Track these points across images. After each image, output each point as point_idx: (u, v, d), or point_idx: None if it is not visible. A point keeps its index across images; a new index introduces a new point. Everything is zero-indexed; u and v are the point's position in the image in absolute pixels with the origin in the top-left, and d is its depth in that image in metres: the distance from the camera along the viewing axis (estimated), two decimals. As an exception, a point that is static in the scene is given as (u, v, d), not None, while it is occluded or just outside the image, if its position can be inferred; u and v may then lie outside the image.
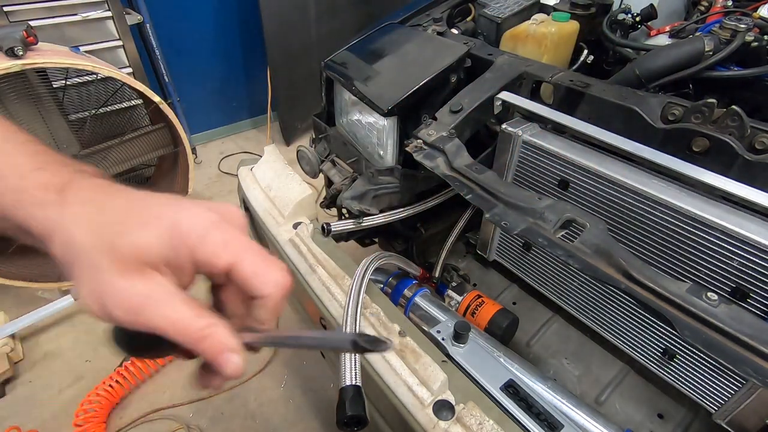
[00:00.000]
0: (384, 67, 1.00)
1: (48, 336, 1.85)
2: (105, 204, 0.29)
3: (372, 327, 0.73)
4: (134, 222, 0.28)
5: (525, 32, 1.04)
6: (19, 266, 1.82)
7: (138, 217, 0.29)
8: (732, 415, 0.72)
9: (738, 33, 0.81)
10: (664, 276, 0.59)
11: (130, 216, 0.29)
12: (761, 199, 0.61)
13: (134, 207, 0.29)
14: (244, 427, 1.53)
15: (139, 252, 0.28)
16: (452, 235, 1.15)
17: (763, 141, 0.65)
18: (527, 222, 0.69)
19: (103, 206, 0.29)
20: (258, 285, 0.30)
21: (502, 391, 0.69)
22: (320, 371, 1.71)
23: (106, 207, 0.29)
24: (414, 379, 0.64)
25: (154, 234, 0.29)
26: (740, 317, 0.53)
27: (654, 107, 0.75)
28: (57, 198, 0.28)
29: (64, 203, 0.28)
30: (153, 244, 0.28)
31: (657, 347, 0.81)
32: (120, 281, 0.27)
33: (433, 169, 0.84)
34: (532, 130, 0.87)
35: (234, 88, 3.11)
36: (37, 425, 1.52)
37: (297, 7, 2.68)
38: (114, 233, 0.28)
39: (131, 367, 1.59)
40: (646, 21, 1.07)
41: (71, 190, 0.29)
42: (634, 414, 0.89)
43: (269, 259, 0.31)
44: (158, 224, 0.29)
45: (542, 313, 1.07)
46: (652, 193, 0.70)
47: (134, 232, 0.28)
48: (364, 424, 0.61)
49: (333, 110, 1.19)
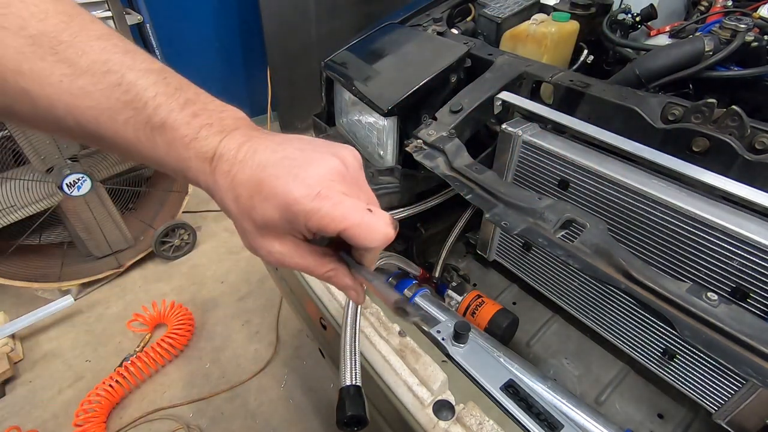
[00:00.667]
0: (384, 67, 1.00)
1: (48, 336, 1.85)
2: (237, 178, 0.34)
3: (372, 327, 0.73)
4: (260, 198, 0.34)
5: (525, 32, 1.04)
6: (19, 266, 1.83)
7: (261, 193, 0.34)
8: (732, 415, 0.72)
9: (738, 33, 0.81)
10: (664, 276, 0.59)
11: (257, 191, 0.34)
12: (761, 199, 0.61)
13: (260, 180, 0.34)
14: (244, 427, 1.53)
15: (266, 222, 0.34)
16: (452, 235, 1.15)
17: (763, 141, 0.65)
18: (527, 222, 0.69)
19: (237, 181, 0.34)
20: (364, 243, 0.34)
21: (502, 391, 0.69)
22: (320, 371, 1.71)
23: (239, 182, 0.34)
24: (414, 379, 0.64)
25: (272, 209, 0.34)
26: (740, 317, 0.53)
27: (654, 107, 0.75)
28: (209, 168, 0.35)
29: (215, 173, 0.34)
30: (275, 218, 0.34)
31: (657, 347, 0.81)
32: (262, 242, 0.36)
33: (433, 169, 0.84)
34: (532, 130, 0.87)
35: (234, 88, 3.11)
36: (37, 425, 1.52)
37: (297, 7, 2.68)
38: (248, 207, 0.34)
39: (131, 367, 1.59)
40: (646, 21, 1.07)
41: (218, 162, 0.34)
42: (634, 414, 0.89)
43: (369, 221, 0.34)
44: (275, 201, 0.33)
45: (542, 313, 1.07)
46: (652, 193, 0.70)
47: (260, 206, 0.34)
48: (364, 424, 0.61)
49: (333, 110, 1.19)
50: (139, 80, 0.33)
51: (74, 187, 1.76)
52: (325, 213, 0.33)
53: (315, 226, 0.33)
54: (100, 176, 1.84)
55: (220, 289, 2.07)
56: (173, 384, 1.66)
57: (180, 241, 2.22)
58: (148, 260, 2.20)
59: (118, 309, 1.97)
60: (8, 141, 1.60)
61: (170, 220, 2.16)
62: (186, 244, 2.25)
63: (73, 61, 0.31)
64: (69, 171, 1.73)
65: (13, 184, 1.64)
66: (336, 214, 0.33)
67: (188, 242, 2.26)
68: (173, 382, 1.67)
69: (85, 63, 0.32)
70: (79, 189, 1.78)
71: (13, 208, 1.66)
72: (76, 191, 1.77)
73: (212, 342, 1.82)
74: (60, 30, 0.31)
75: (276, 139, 0.36)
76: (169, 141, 0.34)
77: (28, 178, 1.66)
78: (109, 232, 1.98)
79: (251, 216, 0.34)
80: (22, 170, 1.66)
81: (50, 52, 0.31)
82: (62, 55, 0.31)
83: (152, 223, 2.18)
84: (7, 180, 1.63)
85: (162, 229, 2.11)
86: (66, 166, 1.72)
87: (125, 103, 0.33)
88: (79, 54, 0.32)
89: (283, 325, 1.89)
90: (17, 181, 1.65)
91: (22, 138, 1.56)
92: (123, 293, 2.05)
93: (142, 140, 0.34)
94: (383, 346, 0.69)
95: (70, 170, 1.73)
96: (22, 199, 1.67)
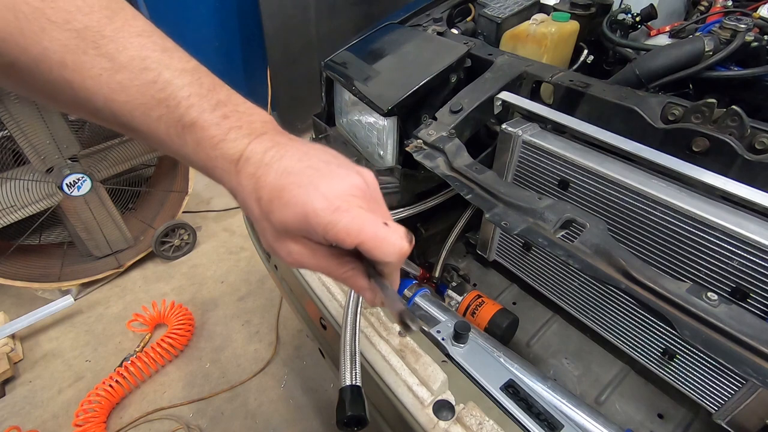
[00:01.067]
0: (384, 67, 1.00)
1: (48, 336, 1.85)
2: (261, 181, 0.35)
3: (372, 327, 0.73)
4: (279, 203, 0.34)
5: (525, 32, 1.04)
6: (19, 266, 1.83)
7: (281, 199, 0.34)
8: (732, 415, 0.72)
9: (738, 33, 0.81)
10: (664, 276, 0.59)
11: (277, 196, 0.34)
12: (761, 199, 0.61)
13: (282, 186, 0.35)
14: (244, 427, 1.53)
15: (285, 227, 0.35)
16: (452, 235, 1.15)
17: (763, 141, 0.65)
18: (527, 222, 0.69)
19: (261, 184, 0.35)
20: (380, 256, 0.35)
21: (502, 391, 0.69)
22: (320, 371, 1.71)
23: (262, 185, 0.35)
24: (414, 379, 0.64)
25: (292, 216, 0.34)
26: (740, 317, 0.53)
27: (654, 107, 0.75)
28: (234, 169, 0.36)
29: (240, 174, 0.36)
30: (293, 224, 0.35)
31: (657, 347, 0.81)
32: (281, 243, 0.37)
33: (433, 169, 0.84)
34: (532, 130, 0.87)
35: (234, 88, 3.09)
36: (37, 425, 1.52)
37: (297, 7, 2.68)
38: (268, 210, 0.35)
39: (131, 367, 1.59)
40: (646, 21, 1.07)
41: (244, 164, 0.35)
42: (634, 414, 0.89)
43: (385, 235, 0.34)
44: (294, 210, 0.34)
45: (542, 313, 1.07)
46: (652, 193, 0.70)
47: (279, 211, 0.34)
48: (364, 424, 0.61)
49: (333, 110, 1.19)
50: (174, 79, 0.34)
51: (74, 187, 1.76)
52: (342, 227, 0.33)
53: (332, 239, 0.34)
54: (100, 176, 1.84)
55: (220, 289, 2.07)
56: (173, 384, 1.66)
57: (180, 241, 2.22)
58: (148, 260, 2.20)
59: (118, 309, 1.97)
60: (8, 141, 1.60)
61: (170, 220, 2.16)
62: (186, 244, 2.25)
63: (114, 56, 0.33)
64: (69, 171, 1.73)
65: (13, 184, 1.64)
66: (352, 227, 0.33)
67: (188, 242, 2.26)
68: (173, 382, 1.67)
69: (124, 59, 0.33)
70: (79, 189, 1.78)
71: (13, 208, 1.66)
72: (76, 191, 1.77)
73: (212, 342, 1.82)
74: (103, 25, 0.33)
75: (303, 147, 0.37)
76: (199, 140, 0.35)
77: (28, 178, 1.66)
78: (109, 232, 1.98)
79: (270, 219, 0.35)
80: (22, 170, 1.66)
81: (92, 46, 0.32)
82: (104, 50, 0.33)
83: (152, 223, 2.18)
84: (7, 180, 1.63)
85: (162, 229, 2.11)
86: (66, 166, 1.72)
87: (159, 101, 0.34)
88: (119, 50, 0.33)
89: (283, 325, 1.89)
90: (17, 181, 1.65)
91: (22, 138, 1.56)
92: (123, 293, 2.05)
93: (173, 137, 0.35)
94: (383, 346, 0.69)
95: (70, 170, 1.73)
96: (22, 199, 1.67)
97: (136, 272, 2.16)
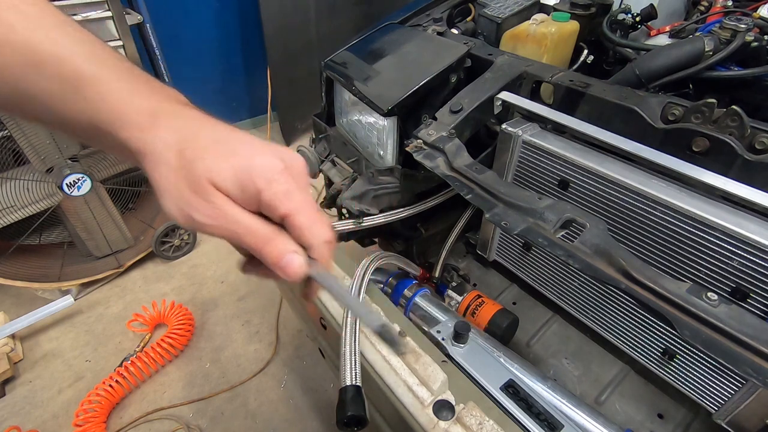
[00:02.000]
0: (384, 67, 1.00)
1: (48, 336, 1.85)
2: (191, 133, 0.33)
3: (372, 327, 0.73)
4: (214, 153, 0.32)
5: (525, 32, 1.04)
6: (19, 266, 1.83)
7: (217, 149, 0.32)
8: (732, 415, 0.72)
9: (738, 33, 0.81)
10: (664, 276, 0.59)
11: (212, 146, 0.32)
12: (761, 199, 0.61)
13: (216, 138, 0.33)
14: (244, 427, 1.53)
15: (212, 177, 0.32)
16: (452, 235, 1.15)
17: (763, 141, 0.65)
18: (527, 222, 0.69)
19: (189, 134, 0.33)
20: (308, 237, 0.34)
21: (502, 391, 0.69)
22: (320, 371, 1.71)
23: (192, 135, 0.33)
24: (414, 379, 0.64)
25: (228, 166, 0.32)
26: (740, 317, 0.53)
27: (654, 107, 0.75)
28: (151, 122, 0.33)
29: (157, 128, 0.33)
30: (227, 176, 0.32)
31: (657, 347, 0.81)
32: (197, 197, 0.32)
33: (433, 169, 0.84)
34: (532, 130, 0.87)
35: (234, 88, 3.11)
36: (37, 425, 1.52)
37: (297, 7, 2.68)
38: (195, 158, 0.32)
39: (131, 367, 1.59)
40: (646, 21, 1.07)
41: (162, 117, 0.33)
42: (634, 414, 0.89)
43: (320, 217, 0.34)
44: (234, 160, 0.32)
45: (542, 313, 1.07)
46: (652, 193, 0.70)
47: (212, 159, 0.32)
48: (364, 424, 0.61)
49: (333, 110, 1.19)
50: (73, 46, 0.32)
51: (74, 187, 1.76)
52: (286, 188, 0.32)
53: (268, 199, 0.32)
54: (100, 176, 1.84)
55: (220, 289, 2.07)
56: (173, 384, 1.66)
57: (180, 241, 2.22)
58: (148, 260, 2.20)
59: (118, 309, 1.97)
60: (8, 141, 1.60)
61: (170, 220, 2.16)
62: (186, 244, 2.25)
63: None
64: (69, 171, 1.73)
65: (13, 184, 1.64)
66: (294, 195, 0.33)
67: (188, 242, 2.26)
68: (173, 382, 1.67)
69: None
70: (79, 189, 1.78)
71: (13, 208, 1.66)
72: (76, 191, 1.77)
73: (212, 342, 1.82)
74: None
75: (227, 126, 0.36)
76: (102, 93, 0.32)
77: (28, 178, 1.66)
78: (109, 232, 1.98)
79: (193, 168, 0.32)
80: (22, 170, 1.66)
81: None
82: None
83: (152, 223, 2.18)
84: (7, 180, 1.63)
85: (162, 229, 2.11)
86: (66, 166, 1.72)
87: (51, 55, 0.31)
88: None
89: (283, 325, 1.89)
90: (17, 181, 1.65)
91: (22, 138, 1.56)
92: (123, 293, 2.05)
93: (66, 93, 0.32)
94: (383, 346, 0.69)
95: (70, 170, 1.73)
96: (22, 199, 1.67)
97: (136, 272, 2.16)
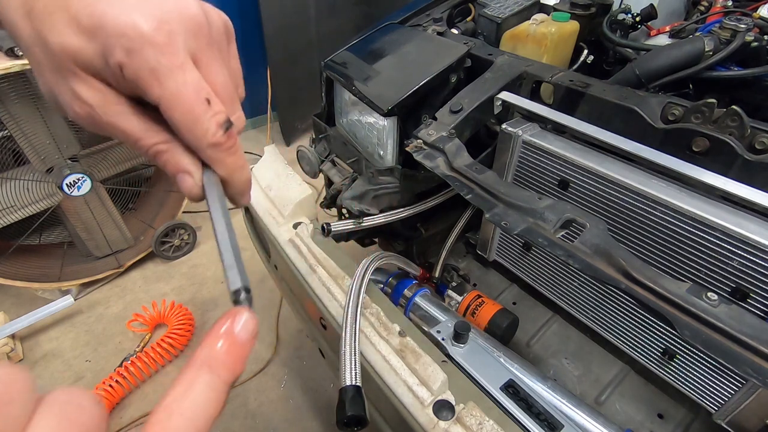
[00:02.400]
0: (384, 67, 1.00)
1: (48, 336, 1.85)
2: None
3: (372, 327, 0.73)
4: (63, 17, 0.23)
5: (525, 32, 1.04)
6: (19, 266, 1.83)
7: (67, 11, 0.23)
8: (732, 415, 0.72)
9: (738, 33, 0.81)
10: (664, 276, 0.59)
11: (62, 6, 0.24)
12: (761, 199, 0.61)
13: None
14: (244, 427, 1.53)
15: (69, 55, 0.24)
16: (452, 235, 1.15)
17: (763, 141, 0.65)
18: (527, 222, 0.69)
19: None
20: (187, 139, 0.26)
21: (502, 391, 0.69)
22: (320, 371, 1.71)
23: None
24: (414, 379, 0.64)
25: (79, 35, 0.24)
26: (740, 317, 0.53)
27: (654, 107, 0.75)
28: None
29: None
30: (81, 49, 0.24)
31: (657, 347, 0.81)
32: (62, 84, 0.25)
33: (433, 169, 0.84)
34: (532, 130, 0.87)
35: (234, 88, 3.11)
36: (37, 425, 1.52)
37: (297, 7, 2.68)
38: (41, 28, 0.24)
39: (131, 367, 1.59)
40: (646, 21, 1.07)
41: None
42: (634, 414, 0.89)
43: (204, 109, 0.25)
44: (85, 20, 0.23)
45: (542, 313, 1.07)
46: (652, 193, 0.70)
47: (61, 29, 0.24)
48: (364, 424, 0.61)
49: (333, 110, 1.19)
50: None
51: (74, 187, 1.76)
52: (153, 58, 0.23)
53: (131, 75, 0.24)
54: (100, 176, 1.84)
55: (220, 289, 2.07)
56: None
57: (180, 241, 2.22)
58: (148, 260, 2.20)
59: (118, 309, 1.97)
60: (8, 141, 1.60)
61: (170, 220, 2.16)
62: (186, 244, 2.25)
63: None
64: (69, 171, 1.73)
65: (13, 184, 1.64)
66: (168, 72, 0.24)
67: (188, 242, 2.26)
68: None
69: None
70: (79, 189, 1.78)
71: (13, 208, 1.66)
72: (76, 191, 1.77)
73: (212, 342, 1.82)
74: None
75: None
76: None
77: (28, 178, 1.66)
78: (109, 232, 1.98)
79: (47, 41, 0.24)
80: (22, 170, 1.66)
81: None
82: None
83: (152, 223, 2.18)
84: (7, 180, 1.63)
85: (162, 229, 2.10)
86: (66, 166, 1.72)
87: None
88: None
89: (283, 325, 1.89)
90: (17, 181, 1.65)
91: (22, 138, 1.56)
92: (123, 293, 2.05)
93: None
94: (383, 346, 0.69)
95: (70, 170, 1.73)
96: (22, 199, 1.67)
97: (136, 272, 2.16)
